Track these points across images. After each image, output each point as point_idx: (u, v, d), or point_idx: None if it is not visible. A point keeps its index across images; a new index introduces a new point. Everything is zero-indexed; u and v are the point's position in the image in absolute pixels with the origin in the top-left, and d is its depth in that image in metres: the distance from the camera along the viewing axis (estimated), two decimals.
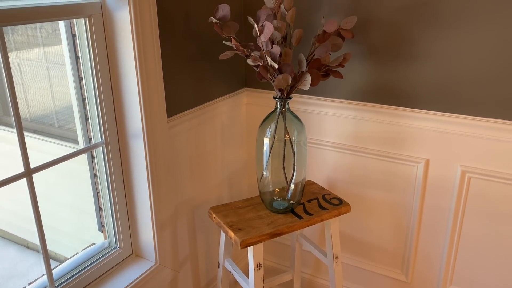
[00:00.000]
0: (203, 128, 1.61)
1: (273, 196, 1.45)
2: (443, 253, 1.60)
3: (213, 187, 1.75)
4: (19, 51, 1.87)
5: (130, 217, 1.46)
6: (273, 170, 1.40)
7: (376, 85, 1.53)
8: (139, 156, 1.34)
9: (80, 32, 1.23)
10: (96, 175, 1.42)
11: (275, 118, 1.37)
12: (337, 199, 1.51)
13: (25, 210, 1.21)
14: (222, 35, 1.28)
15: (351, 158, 1.67)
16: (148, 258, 1.49)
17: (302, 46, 1.55)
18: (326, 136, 1.70)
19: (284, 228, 1.36)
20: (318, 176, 1.78)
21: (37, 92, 2.26)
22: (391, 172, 1.61)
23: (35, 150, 2.01)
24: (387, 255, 1.73)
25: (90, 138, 1.37)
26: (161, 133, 1.35)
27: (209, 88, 1.60)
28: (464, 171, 1.46)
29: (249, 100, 1.83)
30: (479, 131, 1.40)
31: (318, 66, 1.30)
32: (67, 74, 1.38)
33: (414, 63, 1.45)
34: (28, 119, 2.36)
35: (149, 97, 1.28)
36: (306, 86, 1.26)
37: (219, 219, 1.41)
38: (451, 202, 1.52)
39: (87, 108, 1.32)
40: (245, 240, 1.29)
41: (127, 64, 1.24)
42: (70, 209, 2.24)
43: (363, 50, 1.52)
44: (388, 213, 1.67)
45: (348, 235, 1.79)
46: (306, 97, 1.68)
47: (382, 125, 1.57)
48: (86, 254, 1.41)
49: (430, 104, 1.46)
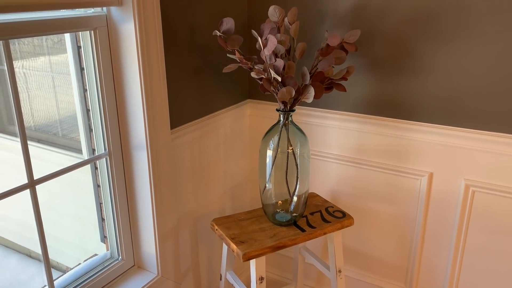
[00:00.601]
0: (206, 140, 1.61)
1: (276, 209, 1.45)
2: (447, 267, 1.59)
3: (215, 199, 1.74)
4: (25, 60, 1.88)
5: (132, 228, 1.45)
6: (276, 182, 1.40)
7: (380, 98, 1.54)
8: (142, 168, 1.35)
9: (86, 44, 1.24)
10: (99, 186, 1.42)
11: (278, 130, 1.37)
12: (340, 212, 1.50)
13: (28, 219, 1.21)
14: (226, 48, 1.29)
15: (354, 170, 1.67)
16: (150, 270, 1.48)
17: (305, 59, 1.56)
18: (329, 148, 1.70)
19: (287, 241, 1.35)
20: (321, 188, 1.77)
21: (42, 102, 2.28)
22: (394, 185, 1.60)
23: (39, 159, 2.02)
24: (391, 268, 1.72)
25: (94, 149, 1.37)
26: (164, 145, 1.36)
27: (212, 99, 1.61)
28: (468, 184, 1.46)
29: (253, 112, 1.83)
30: (483, 145, 1.40)
31: (321, 79, 1.31)
32: (72, 84, 1.39)
33: (418, 77, 1.45)
34: (33, 128, 2.37)
35: (152, 109, 1.29)
36: (309, 98, 1.26)
37: (221, 231, 1.40)
38: (455, 216, 1.51)
39: (91, 119, 1.32)
40: (247, 253, 1.28)
41: (132, 76, 1.25)
42: (73, 219, 2.24)
43: (367, 63, 1.52)
44: (391, 226, 1.66)
45: (351, 248, 1.78)
46: (309, 109, 1.68)
47: (385, 138, 1.57)
48: (88, 265, 1.41)
49: (434, 117, 1.46)
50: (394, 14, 1.43)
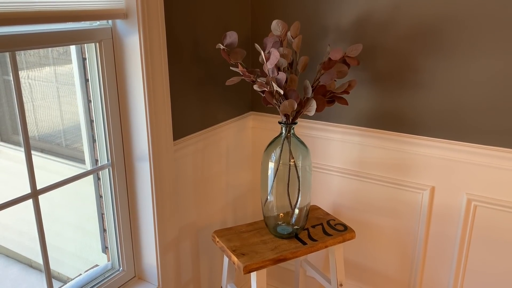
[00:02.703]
0: (209, 151, 1.62)
1: (277, 221, 1.44)
2: (449, 281, 1.57)
3: (217, 211, 1.74)
4: (30, 70, 1.90)
5: (133, 239, 1.45)
6: (277, 194, 1.40)
7: (382, 111, 1.54)
8: (145, 179, 1.35)
9: (90, 56, 1.26)
10: (102, 197, 1.43)
11: (280, 142, 1.37)
12: (342, 225, 1.50)
13: (29, 228, 1.22)
14: (229, 61, 1.31)
15: (356, 183, 1.67)
16: (150, 281, 1.48)
17: (307, 72, 1.58)
18: (331, 161, 1.70)
19: (288, 254, 1.35)
20: (323, 201, 1.77)
21: (46, 112, 2.29)
22: (396, 198, 1.60)
23: (42, 169, 2.03)
24: (392, 282, 1.70)
25: (97, 160, 1.38)
26: (166, 156, 1.36)
27: (215, 111, 1.62)
28: (469, 199, 1.45)
29: (255, 124, 1.84)
30: (485, 159, 1.40)
31: (323, 92, 1.32)
32: (76, 95, 1.41)
33: (419, 91, 1.46)
34: (37, 138, 2.38)
35: (156, 120, 1.30)
36: (311, 112, 1.27)
37: (222, 243, 1.40)
38: (457, 230, 1.51)
39: (95, 130, 1.34)
40: (248, 266, 1.28)
41: (135, 88, 1.27)
42: (75, 230, 2.24)
43: (369, 77, 1.53)
44: (393, 240, 1.65)
45: (353, 262, 1.77)
46: (311, 122, 1.69)
47: (387, 151, 1.57)
48: (89, 275, 1.41)
49: (436, 131, 1.46)
50: (396, 29, 1.44)
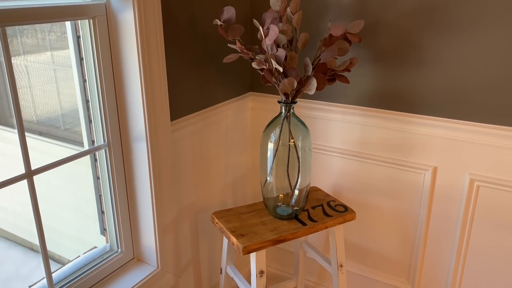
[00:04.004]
0: (207, 132, 1.59)
1: (277, 202, 1.43)
2: (450, 263, 1.56)
3: (216, 192, 1.73)
4: (28, 54, 1.87)
5: (132, 221, 1.44)
6: (277, 175, 1.38)
7: (384, 90, 1.51)
8: (142, 159, 1.33)
9: (84, 33, 1.22)
10: (99, 178, 1.41)
11: (279, 122, 1.35)
12: (342, 206, 1.48)
13: (30, 212, 1.20)
14: (227, 38, 1.27)
15: (357, 164, 1.64)
16: (149, 263, 1.47)
17: (308, 50, 1.54)
18: (332, 142, 1.67)
19: (288, 235, 1.33)
20: (323, 182, 1.75)
21: (44, 95, 2.27)
22: (397, 179, 1.58)
23: (41, 153, 2.01)
24: (393, 264, 1.69)
25: (93, 141, 1.36)
26: (164, 137, 1.34)
27: (213, 91, 1.59)
28: (472, 179, 1.43)
29: (255, 105, 1.81)
30: (488, 138, 1.37)
31: (324, 70, 1.29)
32: (73, 76, 1.38)
33: (423, 69, 1.42)
34: (35, 121, 2.36)
35: (152, 100, 1.27)
36: (312, 90, 1.24)
37: (221, 224, 1.39)
38: (459, 211, 1.49)
39: (91, 110, 1.31)
40: (247, 246, 1.27)
41: (131, 66, 1.24)
42: (73, 212, 2.23)
43: (371, 55, 1.50)
44: (394, 221, 1.63)
45: (353, 243, 1.76)
46: (311, 102, 1.66)
47: (389, 131, 1.54)
48: (87, 257, 1.40)
49: (439, 110, 1.43)
50: (399, 4, 1.40)
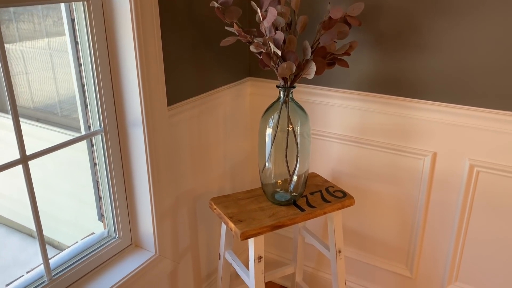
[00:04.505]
0: (205, 118, 1.58)
1: (275, 188, 1.42)
2: (449, 248, 1.56)
3: (215, 178, 1.72)
4: (24, 40, 1.84)
5: (129, 207, 1.43)
6: (275, 161, 1.37)
7: (384, 75, 1.49)
8: (139, 145, 1.31)
9: (79, 16, 1.20)
10: (96, 164, 1.40)
11: (278, 107, 1.33)
12: (341, 192, 1.47)
13: (27, 197, 1.19)
14: (224, 21, 1.25)
15: (356, 150, 1.63)
16: (147, 249, 1.47)
17: (307, 33, 1.51)
18: (331, 127, 1.66)
19: (286, 221, 1.32)
20: (322, 168, 1.74)
21: (41, 81, 2.24)
22: (397, 165, 1.57)
23: (39, 139, 2.00)
24: (392, 249, 1.69)
25: (90, 126, 1.34)
26: (161, 122, 1.32)
27: (211, 76, 1.57)
28: (472, 165, 1.42)
29: (253, 90, 1.79)
30: (489, 123, 1.36)
31: (324, 54, 1.26)
32: (69, 61, 1.36)
33: (423, 53, 1.40)
34: (32, 108, 2.34)
35: (148, 84, 1.25)
36: (311, 74, 1.22)
37: (219, 210, 1.38)
38: (458, 197, 1.48)
39: (87, 95, 1.29)
40: (245, 232, 1.26)
41: (127, 50, 1.21)
42: (72, 198, 2.23)
43: (370, 39, 1.47)
44: (393, 207, 1.63)
45: (352, 229, 1.76)
46: (310, 87, 1.64)
47: (388, 117, 1.53)
48: (85, 243, 1.39)
49: (439, 95, 1.42)
50: None
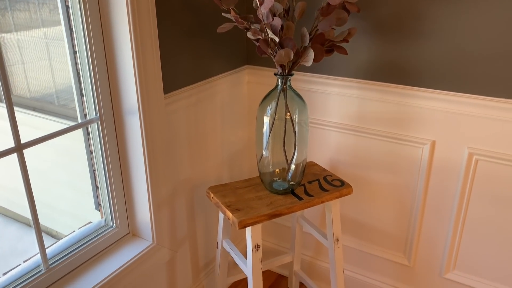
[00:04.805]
0: (203, 106, 1.56)
1: (273, 177, 1.41)
2: (447, 237, 1.56)
3: (212, 167, 1.71)
4: (20, 28, 1.82)
5: (126, 196, 1.43)
6: (273, 150, 1.36)
7: (382, 62, 1.47)
8: (135, 133, 1.30)
9: (73, 3, 1.18)
10: (92, 153, 1.39)
11: (275, 95, 1.32)
12: (339, 180, 1.47)
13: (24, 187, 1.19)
14: (221, 7, 1.23)
15: (355, 139, 1.62)
16: (145, 238, 1.46)
17: (305, 20, 1.49)
18: (329, 116, 1.65)
19: (284, 209, 1.32)
20: (320, 157, 1.74)
21: (37, 69, 2.22)
22: (395, 153, 1.56)
23: (35, 128, 1.98)
24: (390, 238, 1.69)
25: (86, 115, 1.33)
26: (157, 110, 1.31)
27: (208, 64, 1.55)
28: (471, 153, 1.41)
29: (251, 79, 1.78)
30: (488, 111, 1.35)
31: (322, 41, 1.25)
32: (65, 49, 1.34)
33: (422, 40, 1.39)
34: (28, 97, 2.32)
35: (144, 72, 1.23)
36: (309, 62, 1.21)
37: (217, 199, 1.37)
38: (457, 185, 1.48)
39: (82, 83, 1.27)
40: (243, 221, 1.26)
41: (122, 37, 1.19)
42: (69, 188, 2.22)
43: (369, 26, 1.46)
44: (391, 196, 1.62)
45: (350, 218, 1.76)
46: (309, 75, 1.62)
47: (387, 105, 1.51)
48: (82, 232, 1.39)
49: (438, 83, 1.40)
50: None
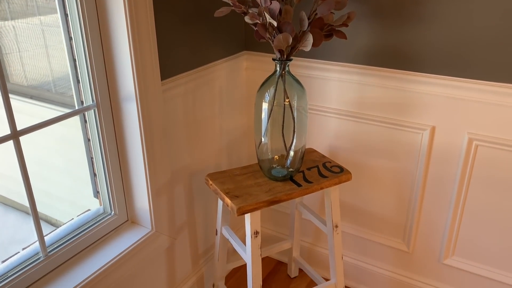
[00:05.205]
0: (200, 93, 1.55)
1: (272, 164, 1.40)
2: (446, 222, 1.56)
3: (211, 155, 1.70)
4: (16, 18, 1.79)
5: (124, 183, 1.42)
6: (272, 136, 1.35)
7: (382, 47, 1.46)
8: (132, 120, 1.29)
9: None
10: (90, 140, 1.38)
11: (274, 81, 1.30)
12: (338, 167, 1.46)
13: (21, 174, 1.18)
14: None
15: (354, 125, 1.61)
16: (144, 225, 1.46)
17: (303, 4, 1.47)
18: (328, 102, 1.63)
19: (283, 196, 1.32)
20: (319, 144, 1.73)
21: (33, 56, 2.19)
22: (395, 139, 1.55)
23: (33, 116, 1.96)
24: (389, 224, 1.69)
25: (82, 102, 1.32)
26: (154, 96, 1.30)
27: (205, 50, 1.53)
28: (471, 138, 1.40)
29: (249, 65, 1.76)
30: (489, 96, 1.33)
31: (321, 25, 1.23)
32: (61, 34, 1.32)
33: (424, 24, 1.37)
34: (25, 85, 2.30)
35: (141, 57, 1.22)
36: (308, 46, 1.19)
37: (216, 186, 1.37)
38: (457, 171, 1.47)
39: (78, 70, 1.26)
40: (242, 207, 1.25)
41: (118, 22, 1.17)
42: (67, 176, 2.21)
43: (369, 10, 1.43)
44: (390, 182, 1.62)
45: (349, 204, 1.76)
46: (307, 60, 1.60)
47: (387, 90, 1.50)
48: (81, 220, 1.38)
49: (438, 67, 1.39)
50: None
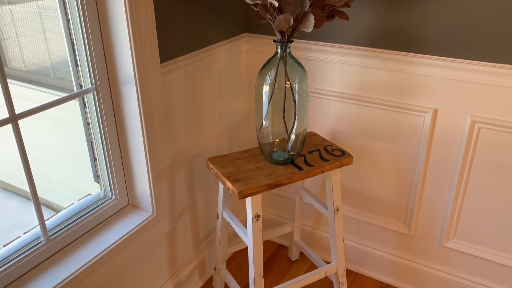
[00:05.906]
0: (200, 76, 1.53)
1: (272, 148, 1.40)
2: (447, 205, 1.56)
3: (211, 139, 1.69)
4: (13, 4, 1.77)
5: (125, 167, 1.41)
6: (273, 120, 1.34)
7: (385, 28, 1.43)
8: (132, 103, 1.28)
9: None
10: (89, 124, 1.37)
11: (275, 63, 1.29)
12: (339, 150, 1.45)
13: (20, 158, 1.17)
14: None
15: (356, 108, 1.60)
16: (145, 209, 1.46)
17: None
18: (330, 85, 1.62)
19: (284, 179, 1.31)
20: (320, 127, 1.72)
21: (31, 40, 2.16)
22: (397, 123, 1.54)
23: (30, 101, 1.94)
24: (390, 208, 1.70)
25: (81, 85, 1.30)
26: (154, 79, 1.28)
27: (205, 32, 1.51)
28: (473, 121, 1.39)
29: (250, 47, 1.74)
30: (492, 78, 1.32)
31: (322, 6, 1.21)
32: (60, 19, 1.30)
33: (426, 5, 1.34)
34: (24, 70, 2.27)
35: (140, 40, 1.20)
36: (309, 28, 1.17)
37: (216, 170, 1.36)
38: (459, 154, 1.46)
39: (76, 53, 1.24)
40: (243, 191, 1.25)
41: (116, 3, 1.15)
42: (67, 160, 2.21)
43: None
44: (392, 165, 1.61)
45: (350, 188, 1.75)
46: (309, 42, 1.58)
47: (389, 73, 1.48)
48: (81, 204, 1.38)
49: (442, 49, 1.37)
50: None
